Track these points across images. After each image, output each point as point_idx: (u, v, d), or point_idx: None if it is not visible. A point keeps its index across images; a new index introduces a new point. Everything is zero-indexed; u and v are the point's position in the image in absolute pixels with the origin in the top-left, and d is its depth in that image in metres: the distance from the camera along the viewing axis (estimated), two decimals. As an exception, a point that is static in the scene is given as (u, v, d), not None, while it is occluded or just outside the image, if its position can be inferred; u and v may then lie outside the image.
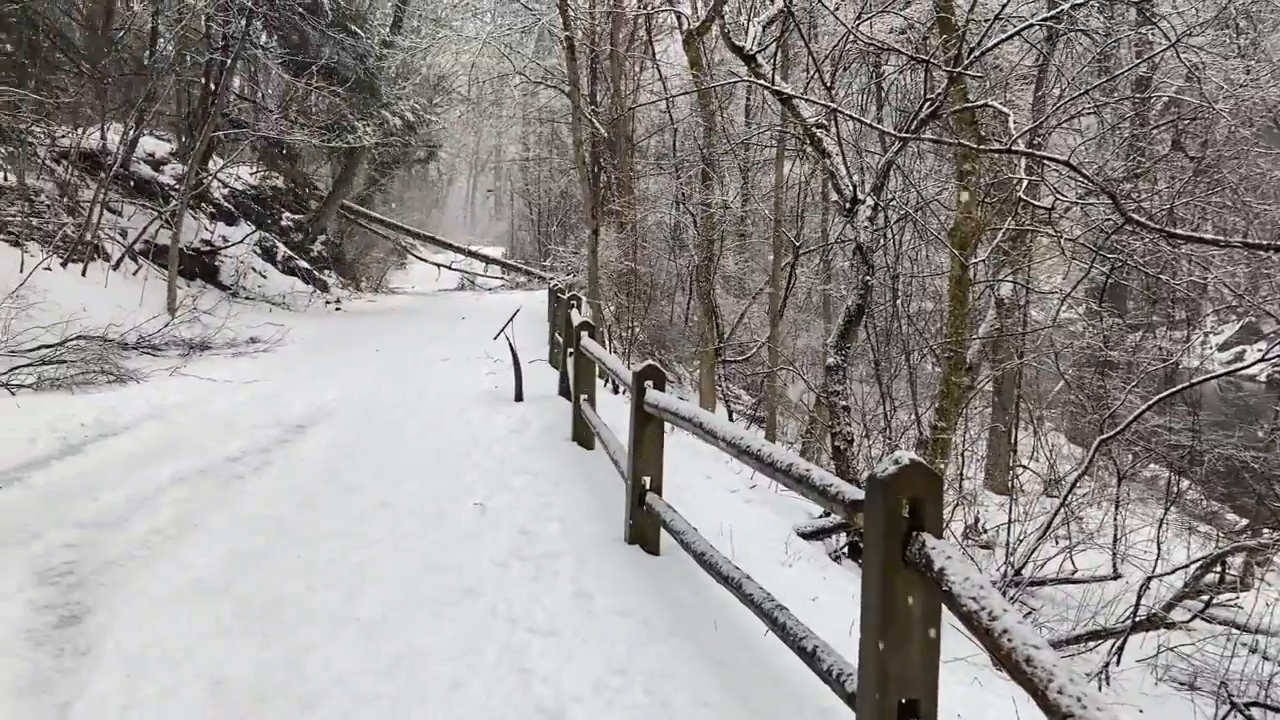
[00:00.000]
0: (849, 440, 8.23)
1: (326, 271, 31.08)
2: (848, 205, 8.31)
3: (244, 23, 21.15)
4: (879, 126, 10.24)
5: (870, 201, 8.30)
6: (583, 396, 8.00)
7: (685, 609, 4.64)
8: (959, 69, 7.70)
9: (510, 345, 10.94)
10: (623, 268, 18.57)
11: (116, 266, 20.15)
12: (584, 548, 5.48)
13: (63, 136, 21.83)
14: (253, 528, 6.11)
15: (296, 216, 30.90)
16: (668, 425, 5.48)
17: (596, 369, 8.27)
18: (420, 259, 42.81)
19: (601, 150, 20.45)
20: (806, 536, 6.69)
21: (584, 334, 8.00)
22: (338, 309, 26.92)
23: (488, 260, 42.35)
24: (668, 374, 6.36)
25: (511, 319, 12.12)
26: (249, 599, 4.85)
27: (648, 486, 5.38)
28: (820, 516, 7.34)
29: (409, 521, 6.16)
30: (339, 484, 7.21)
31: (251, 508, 6.58)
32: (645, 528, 5.44)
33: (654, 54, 20.71)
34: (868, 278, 8.18)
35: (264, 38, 24.86)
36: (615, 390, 13.31)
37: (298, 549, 5.66)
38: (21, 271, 16.05)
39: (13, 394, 10.98)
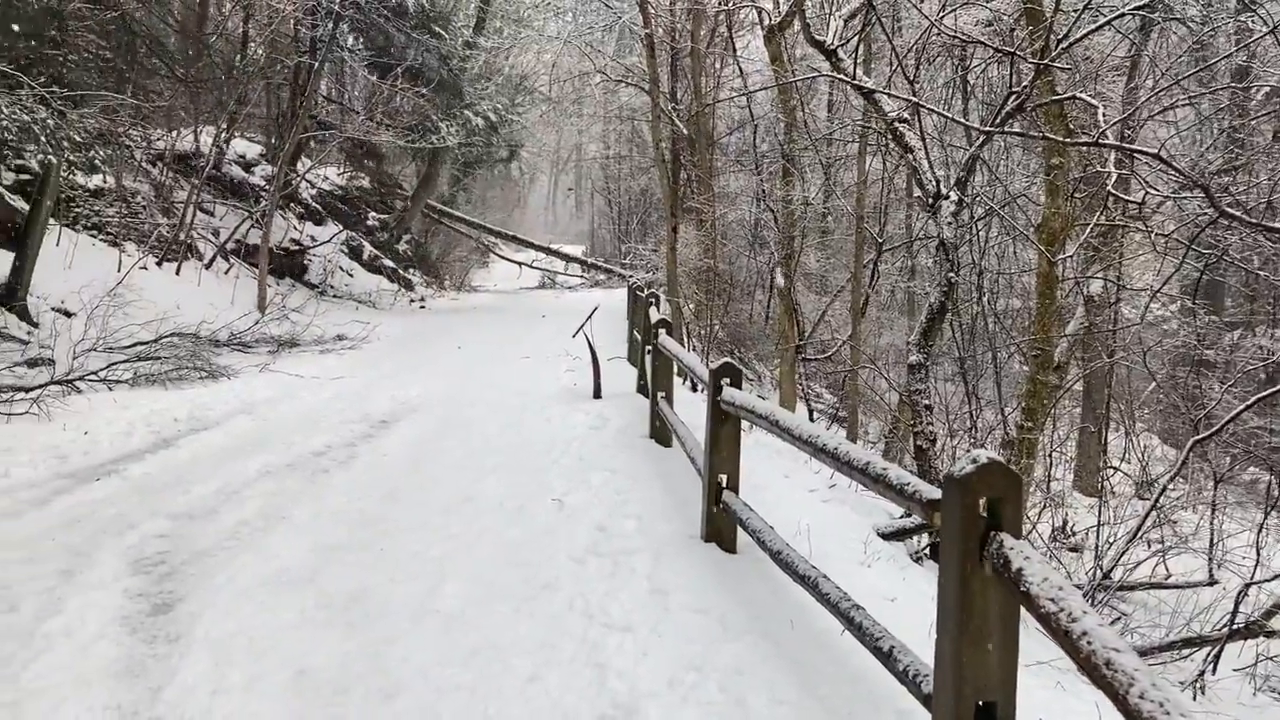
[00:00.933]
0: (931, 440, 8.09)
1: (411, 270, 31.60)
2: (931, 201, 8.16)
3: (331, 26, 21.62)
4: (963, 120, 10.03)
5: (954, 197, 8.14)
6: (660, 394, 8.01)
7: (761, 607, 4.60)
8: (1046, 61, 7.50)
9: (589, 343, 11.00)
10: (702, 265, 18.53)
11: (209, 265, 20.76)
12: (660, 545, 5.48)
13: (158, 140, 22.59)
14: (337, 520, 6.24)
15: (382, 216, 31.48)
16: (745, 423, 5.46)
17: (674, 367, 8.27)
18: (502, 257, 43.29)
19: (681, 147, 20.43)
20: (887, 537, 6.59)
21: (661, 331, 8.00)
22: (422, 307, 27.36)
23: (567, 259, 42.63)
24: (746, 372, 6.33)
25: (590, 317, 12.18)
26: (332, 590, 4.95)
27: (724, 484, 5.36)
28: (901, 516, 7.22)
29: (489, 516, 6.23)
30: (421, 478, 7.33)
31: (336, 501, 6.72)
32: (721, 526, 5.42)
33: (735, 50, 20.60)
34: (951, 275, 8.03)
35: (350, 40, 25.39)
36: (693, 388, 13.29)
37: (380, 542, 5.76)
38: (119, 270, 16.64)
39: (110, 389, 11.39)
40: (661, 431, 8.09)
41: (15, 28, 13.19)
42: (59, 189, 16.30)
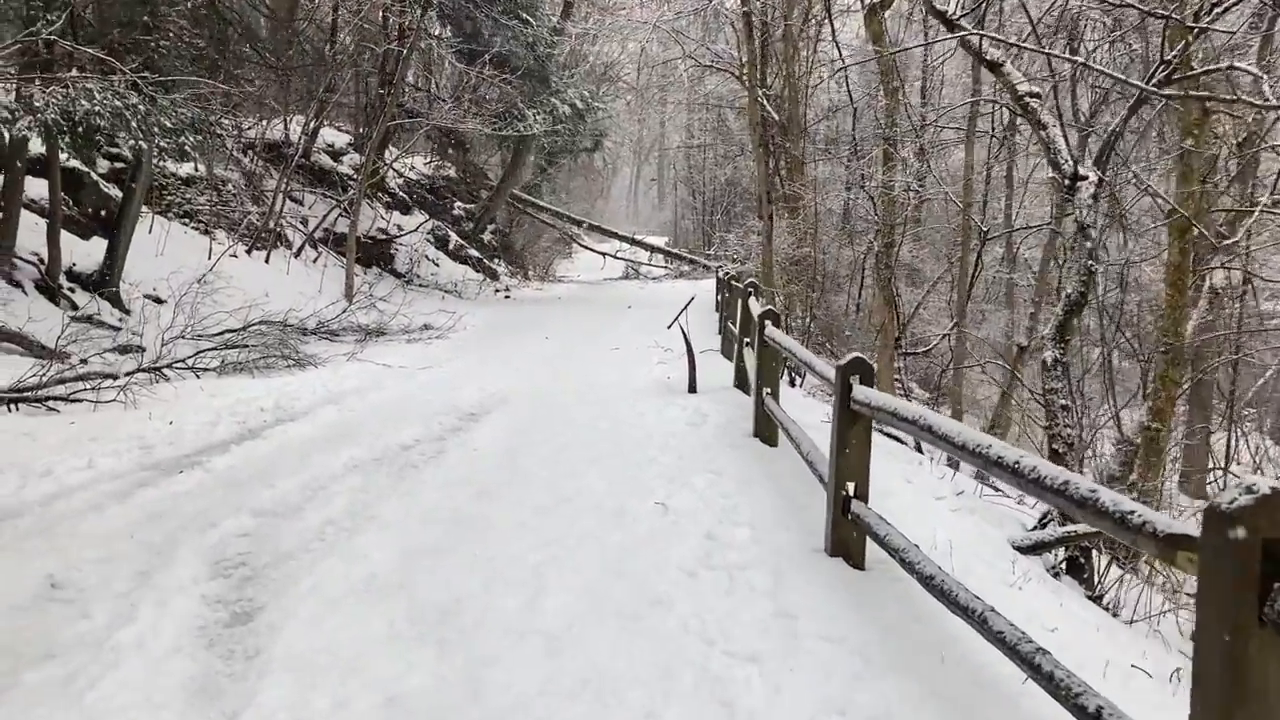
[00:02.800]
0: (1069, 443, 7.42)
1: (496, 260, 31.47)
2: (1067, 182, 7.47)
3: (419, 13, 21.43)
4: (1122, 78, 9.20)
5: (1093, 178, 7.43)
6: (765, 390, 7.44)
7: (904, 638, 4.05)
8: (1201, 24, 6.76)
9: (684, 335, 10.50)
10: (795, 255, 17.88)
11: (298, 254, 20.77)
12: (779, 559, 4.95)
13: (249, 129, 22.70)
14: (427, 520, 5.83)
15: (468, 206, 31.39)
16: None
17: (784, 361, 7.71)
18: (586, 248, 43.02)
19: (774, 133, 19.79)
20: (1023, 551, 5.97)
21: (768, 324, 7.44)
22: (507, 297, 27.17)
23: (652, 249, 42.12)
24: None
25: (685, 308, 11.67)
26: (424, 600, 4.53)
27: (852, 493, 4.80)
28: (1035, 528, 6.59)
29: (587, 518, 5.76)
30: (514, 475, 6.90)
31: (426, 498, 6.32)
32: (849, 539, 4.86)
33: (834, 30, 19.87)
34: (1091, 263, 7.34)
35: (438, 29, 25.23)
36: (791, 382, 12.71)
37: (474, 544, 5.33)
38: (209, 258, 16.65)
39: (198, 377, 11.24)
40: (767, 430, 7.53)
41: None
42: (151, 176, 16.37)
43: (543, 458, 7.39)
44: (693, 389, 10.22)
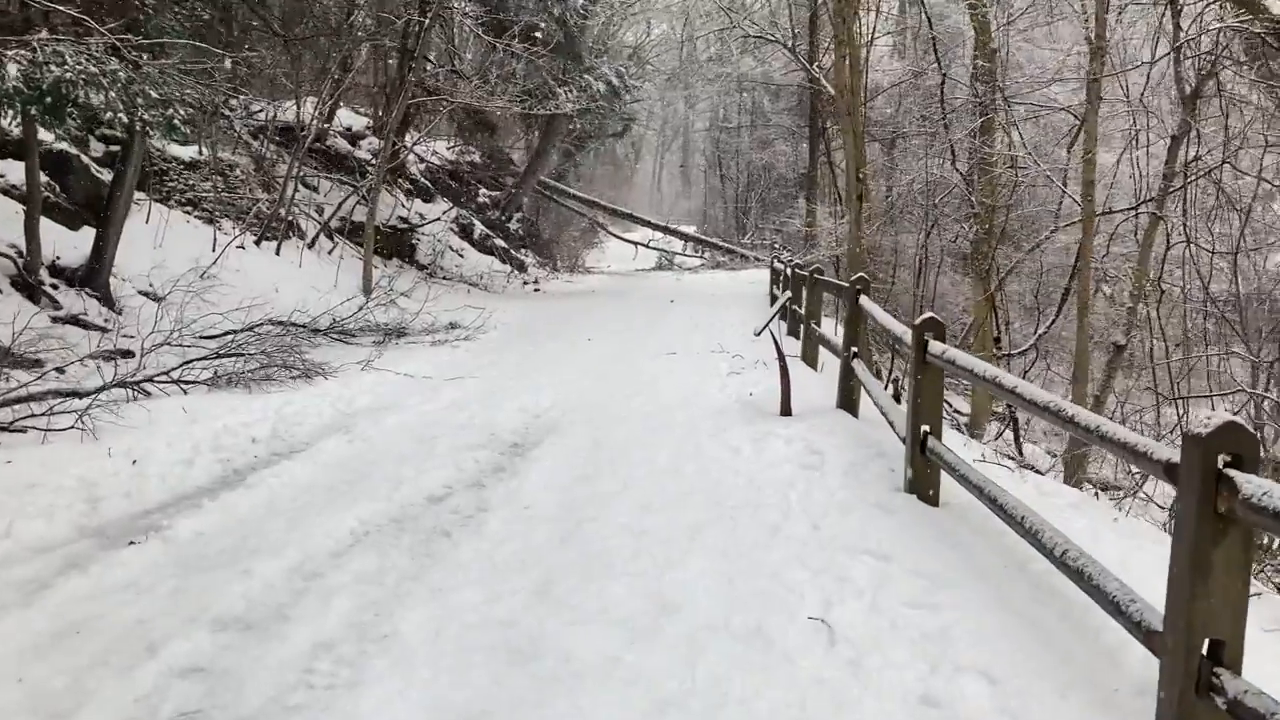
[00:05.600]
0: None
1: (523, 250, 29.61)
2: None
3: (443, -22, 19.45)
4: None
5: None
6: (924, 428, 5.41)
7: None
8: None
9: (776, 343, 8.51)
10: (869, 243, 15.81)
11: (312, 244, 18.95)
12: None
13: (259, 110, 20.85)
14: (467, 645, 3.89)
15: (493, 193, 29.51)
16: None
17: (941, 383, 5.68)
18: (617, 237, 41.05)
19: (830, 110, 17.74)
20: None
21: (927, 336, 5.41)
22: (536, 290, 25.29)
23: (686, 238, 40.10)
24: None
25: (776, 312, 9.69)
26: None
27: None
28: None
29: (712, 651, 3.77)
30: (584, 556, 4.93)
31: (464, 599, 4.37)
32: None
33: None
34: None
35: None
36: (896, 398, 10.68)
37: (540, 699, 3.40)
38: (214, 250, 14.84)
39: (185, 392, 9.38)
40: (927, 483, 5.49)
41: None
42: (143, 158, 14.55)
43: (619, 524, 5.41)
44: (786, 411, 8.23)
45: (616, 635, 3.92)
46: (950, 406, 14.21)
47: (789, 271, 14.45)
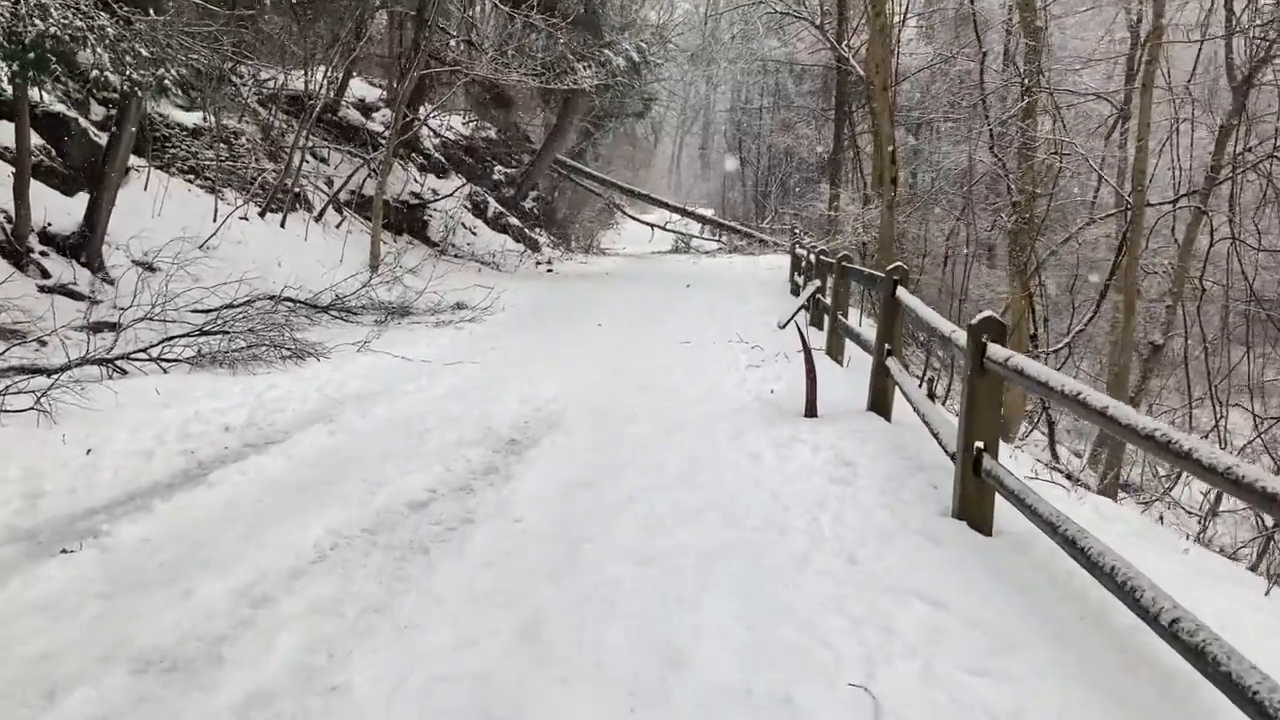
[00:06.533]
0: None
1: (538, 230, 28.88)
2: None
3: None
4: None
5: None
6: (977, 444, 4.66)
7: None
8: None
9: (802, 337, 7.77)
10: (898, 230, 14.99)
11: (319, 218, 18.28)
12: None
13: (268, 80, 20.15)
14: (433, 704, 3.20)
15: (508, 170, 28.76)
16: None
17: (1000, 394, 4.90)
18: (632, 217, 40.23)
19: (858, 92, 16.91)
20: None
21: (985, 339, 4.63)
22: (549, 270, 24.57)
23: (704, 220, 39.20)
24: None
25: (803, 303, 8.94)
26: None
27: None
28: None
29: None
30: (580, 586, 4.20)
31: (434, 643, 3.66)
32: None
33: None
34: None
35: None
36: (931, 392, 9.93)
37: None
38: (215, 220, 14.20)
39: (164, 370, 8.72)
40: (978, 509, 4.75)
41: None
42: (144, 120, 13.89)
43: (622, 547, 4.68)
44: (812, 412, 7.50)
45: (612, 699, 3.21)
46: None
47: (812, 258, 13.66)
